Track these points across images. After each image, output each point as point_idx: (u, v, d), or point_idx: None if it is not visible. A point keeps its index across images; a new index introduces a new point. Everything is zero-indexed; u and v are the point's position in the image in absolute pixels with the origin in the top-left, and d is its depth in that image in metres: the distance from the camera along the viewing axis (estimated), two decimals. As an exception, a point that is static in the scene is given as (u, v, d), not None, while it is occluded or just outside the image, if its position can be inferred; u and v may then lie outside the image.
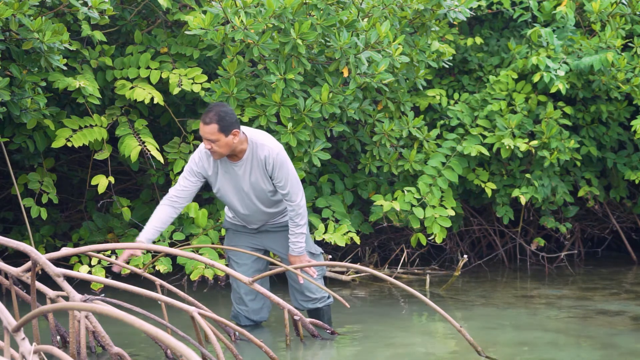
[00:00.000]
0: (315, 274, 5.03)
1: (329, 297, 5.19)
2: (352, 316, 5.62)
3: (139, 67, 6.07)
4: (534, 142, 6.66)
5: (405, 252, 7.22)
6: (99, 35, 5.83)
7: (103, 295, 4.89)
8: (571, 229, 7.79)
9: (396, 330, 5.30)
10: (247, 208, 4.98)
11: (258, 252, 5.16)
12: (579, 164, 7.14)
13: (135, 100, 5.93)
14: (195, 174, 4.92)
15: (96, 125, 5.88)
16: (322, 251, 5.27)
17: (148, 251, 5.84)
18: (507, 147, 6.60)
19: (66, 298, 4.16)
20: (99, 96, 5.79)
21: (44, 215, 5.92)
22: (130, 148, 5.78)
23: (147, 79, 6.04)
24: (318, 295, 5.12)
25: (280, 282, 6.27)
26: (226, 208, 5.22)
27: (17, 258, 6.45)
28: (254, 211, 5.00)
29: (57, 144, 5.69)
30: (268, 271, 4.90)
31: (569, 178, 7.29)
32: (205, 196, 6.72)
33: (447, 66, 6.80)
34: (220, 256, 6.06)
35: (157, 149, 5.90)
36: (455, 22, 7.22)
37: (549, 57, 6.83)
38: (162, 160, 5.90)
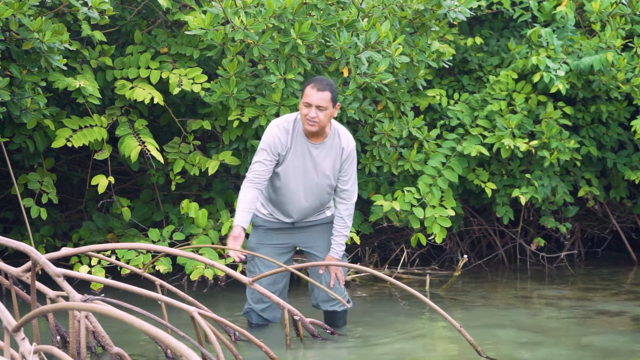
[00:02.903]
0: (343, 283, 5.07)
1: (348, 302, 5.20)
2: (352, 316, 5.61)
3: (139, 67, 6.07)
4: (534, 142, 6.66)
5: (405, 252, 7.22)
6: (99, 35, 5.83)
7: (103, 295, 4.89)
8: (571, 229, 7.79)
9: (396, 330, 5.30)
10: (301, 195, 4.94)
11: (286, 250, 5.12)
12: (579, 164, 7.14)
13: (135, 100, 5.93)
14: (273, 152, 4.84)
15: (96, 125, 5.88)
16: (346, 254, 5.27)
17: (148, 251, 5.85)
18: (507, 147, 6.60)
19: (66, 298, 4.16)
20: (99, 96, 5.79)
21: (44, 215, 5.92)
22: (130, 148, 5.78)
23: (147, 79, 6.04)
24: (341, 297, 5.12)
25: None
26: (260, 204, 5.11)
27: (17, 258, 6.45)
28: (307, 200, 4.96)
29: (57, 144, 5.69)
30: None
31: (569, 178, 7.29)
32: (205, 196, 6.72)
33: (447, 66, 6.80)
34: (220, 256, 6.06)
35: (157, 149, 5.90)
36: (455, 22, 7.22)
37: (549, 57, 6.83)
38: (162, 160, 5.90)
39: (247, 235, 5.15)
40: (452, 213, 6.47)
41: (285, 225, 5.08)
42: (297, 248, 5.22)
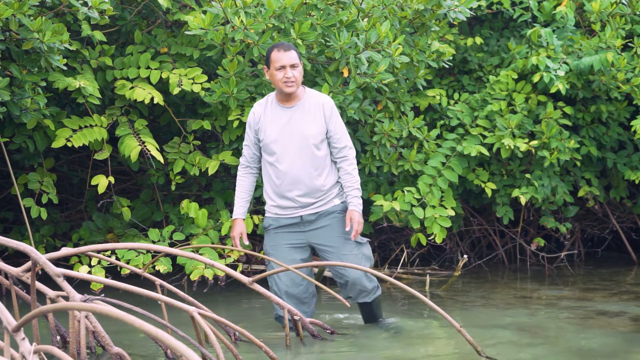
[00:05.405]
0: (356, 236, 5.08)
1: (378, 288, 5.25)
2: (352, 316, 5.62)
3: (139, 67, 6.07)
4: (534, 142, 6.66)
5: (405, 252, 7.22)
6: (99, 35, 5.83)
7: (103, 295, 4.89)
8: (571, 229, 7.79)
9: (396, 330, 5.30)
10: (291, 161, 5.00)
11: (302, 248, 5.13)
12: (579, 164, 7.14)
13: (135, 100, 5.93)
14: (252, 128, 5.12)
15: (96, 125, 5.88)
16: (368, 239, 5.28)
17: (148, 251, 5.85)
18: (507, 147, 6.60)
19: (66, 298, 4.16)
20: (99, 96, 5.79)
21: (44, 215, 5.92)
22: (130, 148, 5.78)
23: (147, 79, 6.04)
24: (370, 287, 5.16)
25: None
26: (265, 194, 5.15)
27: (17, 258, 6.45)
28: (298, 167, 5.00)
29: (57, 144, 5.70)
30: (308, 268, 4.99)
31: (569, 178, 7.28)
32: (205, 196, 6.72)
33: (447, 66, 6.80)
34: (220, 256, 6.06)
35: (157, 149, 5.90)
36: (455, 22, 7.22)
37: (549, 57, 6.83)
38: (162, 160, 5.90)
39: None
40: (452, 213, 6.47)
41: (294, 221, 5.08)
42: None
